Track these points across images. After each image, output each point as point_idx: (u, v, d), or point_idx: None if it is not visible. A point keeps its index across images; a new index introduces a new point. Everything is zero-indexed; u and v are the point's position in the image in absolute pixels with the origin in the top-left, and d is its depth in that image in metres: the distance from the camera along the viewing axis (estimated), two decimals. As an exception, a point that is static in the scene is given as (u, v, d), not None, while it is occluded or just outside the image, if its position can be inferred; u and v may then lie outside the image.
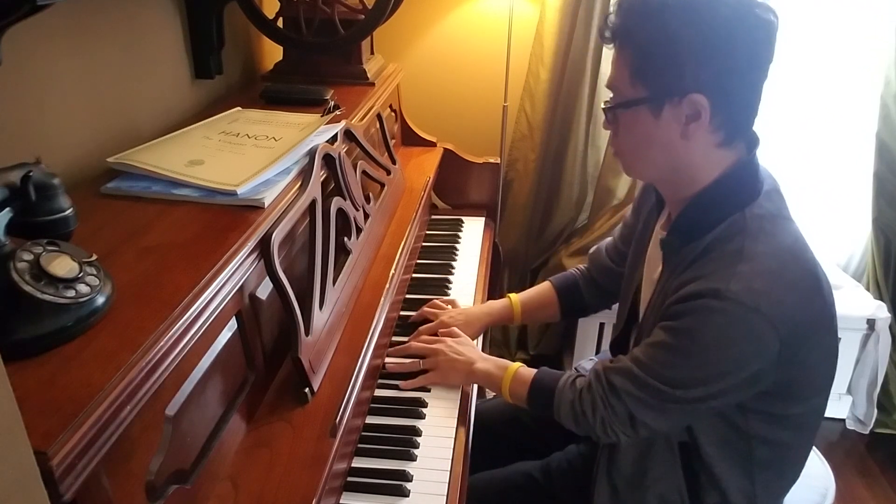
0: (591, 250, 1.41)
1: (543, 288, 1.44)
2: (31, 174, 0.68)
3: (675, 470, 1.05)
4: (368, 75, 1.73)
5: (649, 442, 1.05)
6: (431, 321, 1.36)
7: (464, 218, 1.88)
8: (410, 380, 1.21)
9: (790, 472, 1.09)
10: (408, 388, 1.20)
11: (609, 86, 0.99)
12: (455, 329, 1.29)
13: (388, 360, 1.24)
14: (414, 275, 1.58)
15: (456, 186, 1.96)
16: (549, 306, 1.42)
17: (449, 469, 1.05)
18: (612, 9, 0.97)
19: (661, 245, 1.05)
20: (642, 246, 1.17)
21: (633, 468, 1.08)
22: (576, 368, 1.40)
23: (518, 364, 1.17)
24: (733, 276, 0.89)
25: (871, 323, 2.07)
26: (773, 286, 0.90)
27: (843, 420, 2.28)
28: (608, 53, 2.11)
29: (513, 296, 1.44)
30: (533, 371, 1.15)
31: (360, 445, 1.08)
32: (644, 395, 0.97)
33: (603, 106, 1.00)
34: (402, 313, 1.44)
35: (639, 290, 1.17)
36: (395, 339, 1.36)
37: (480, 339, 1.44)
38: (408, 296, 1.49)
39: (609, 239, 1.37)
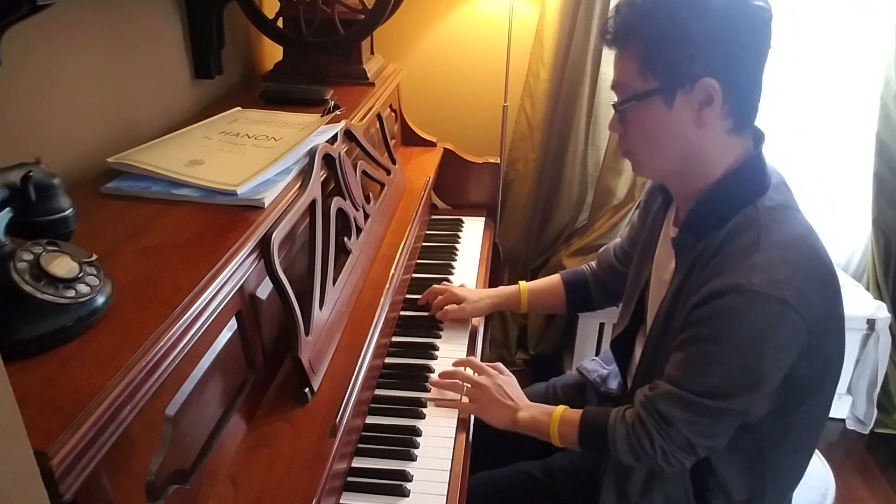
0: (601, 250, 1.43)
1: (552, 279, 1.47)
2: (31, 174, 0.68)
3: (683, 473, 1.05)
4: (368, 75, 1.74)
5: None
6: (440, 301, 1.42)
7: (464, 218, 1.88)
8: (449, 401, 1.19)
9: (796, 473, 1.09)
10: (441, 406, 1.19)
11: (614, 86, 1.00)
12: (501, 365, 1.27)
13: (432, 378, 1.24)
14: (414, 275, 1.58)
15: (456, 186, 1.96)
16: (556, 297, 1.44)
17: (449, 469, 1.06)
18: (610, 13, 0.98)
19: (672, 244, 1.04)
20: (650, 246, 1.17)
21: (645, 472, 1.07)
22: (577, 370, 1.40)
23: (562, 407, 1.13)
24: (753, 268, 0.89)
25: (871, 323, 2.07)
26: (794, 275, 0.89)
27: (843, 420, 2.27)
28: (608, 53, 2.11)
29: (522, 283, 1.47)
30: (578, 412, 1.11)
31: (360, 445, 1.08)
32: (692, 415, 0.95)
33: (613, 104, 1.00)
34: (403, 313, 1.44)
35: (645, 290, 1.16)
36: (395, 339, 1.36)
37: (481, 338, 1.44)
38: (408, 296, 1.49)
39: (617, 240, 1.38)
